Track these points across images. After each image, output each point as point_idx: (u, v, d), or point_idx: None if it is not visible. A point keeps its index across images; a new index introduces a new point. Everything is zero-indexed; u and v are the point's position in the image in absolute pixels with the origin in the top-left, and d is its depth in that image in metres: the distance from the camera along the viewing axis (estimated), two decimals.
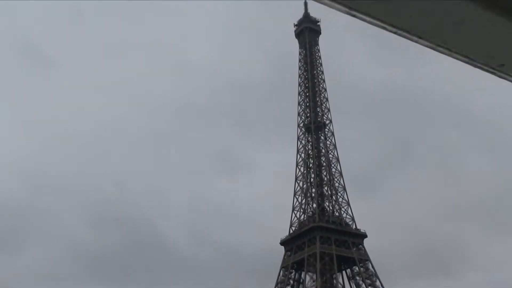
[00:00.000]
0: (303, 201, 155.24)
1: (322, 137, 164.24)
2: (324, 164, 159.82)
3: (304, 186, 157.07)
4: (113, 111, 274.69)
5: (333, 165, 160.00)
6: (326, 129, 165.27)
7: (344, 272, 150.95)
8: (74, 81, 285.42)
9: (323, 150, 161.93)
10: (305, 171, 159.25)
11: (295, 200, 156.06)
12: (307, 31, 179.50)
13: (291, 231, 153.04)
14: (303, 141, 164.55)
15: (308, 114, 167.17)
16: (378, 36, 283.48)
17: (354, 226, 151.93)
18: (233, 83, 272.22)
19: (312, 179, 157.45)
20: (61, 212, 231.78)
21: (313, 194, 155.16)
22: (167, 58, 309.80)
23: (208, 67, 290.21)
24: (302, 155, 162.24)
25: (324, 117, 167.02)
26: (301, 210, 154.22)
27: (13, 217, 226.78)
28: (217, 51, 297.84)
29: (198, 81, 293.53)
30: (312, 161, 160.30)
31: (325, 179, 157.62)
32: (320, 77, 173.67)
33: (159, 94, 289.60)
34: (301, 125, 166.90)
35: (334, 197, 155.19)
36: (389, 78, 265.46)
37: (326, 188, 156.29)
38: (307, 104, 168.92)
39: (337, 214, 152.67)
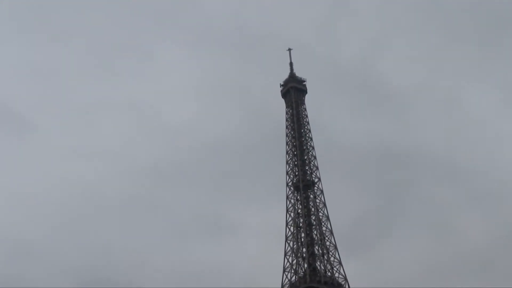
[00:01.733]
0: (294, 261, 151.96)
1: (311, 196, 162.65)
2: (314, 223, 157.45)
3: (295, 246, 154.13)
4: (93, 176, 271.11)
5: (323, 223, 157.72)
6: (315, 187, 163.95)
7: None
8: (50, 146, 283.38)
9: (313, 209, 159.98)
10: (295, 231, 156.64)
11: (286, 261, 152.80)
12: (293, 91, 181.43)
13: None
14: (292, 200, 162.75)
15: (297, 173, 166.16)
16: (361, 91, 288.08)
17: (347, 286, 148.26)
18: (217, 144, 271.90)
19: (302, 239, 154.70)
20: (44, 280, 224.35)
21: (304, 254, 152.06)
22: (145, 120, 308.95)
23: (190, 128, 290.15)
24: (292, 214, 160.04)
25: (312, 175, 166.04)
26: (292, 271, 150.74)
27: None
28: (199, 111, 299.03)
29: (180, 142, 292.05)
30: (302, 220, 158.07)
31: (316, 238, 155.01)
32: (307, 135, 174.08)
33: (139, 157, 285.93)
34: (290, 184, 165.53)
35: (325, 257, 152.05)
36: (376, 133, 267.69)
37: (317, 247, 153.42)
38: (295, 162, 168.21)
39: (329, 274, 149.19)
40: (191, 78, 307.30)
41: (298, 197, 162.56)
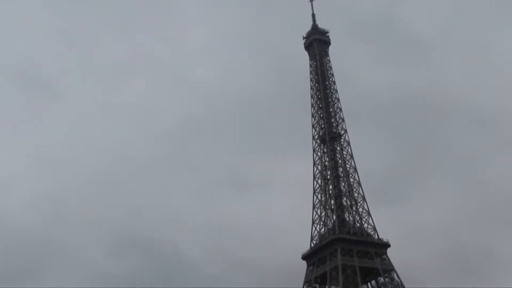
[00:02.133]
0: (323, 213, 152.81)
1: (338, 148, 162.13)
2: (342, 174, 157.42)
3: (323, 198, 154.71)
4: (120, 137, 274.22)
5: (351, 175, 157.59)
6: (342, 139, 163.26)
7: (369, 284, 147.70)
8: (78, 109, 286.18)
9: (340, 161, 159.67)
10: (322, 183, 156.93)
11: (315, 213, 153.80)
12: (316, 43, 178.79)
13: (312, 245, 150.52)
14: (319, 153, 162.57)
15: (322, 125, 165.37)
16: (385, 40, 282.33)
17: (376, 236, 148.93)
18: (241, 99, 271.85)
19: (330, 191, 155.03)
20: (80, 243, 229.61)
21: (332, 206, 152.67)
22: (170, 78, 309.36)
23: (213, 85, 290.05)
24: (319, 167, 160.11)
25: (338, 127, 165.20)
26: (321, 223, 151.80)
27: (34, 253, 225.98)
28: (223, 67, 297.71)
29: (205, 99, 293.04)
30: (329, 173, 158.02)
31: (344, 190, 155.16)
32: (332, 87, 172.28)
33: (165, 116, 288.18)
34: (316, 136, 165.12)
35: (354, 208, 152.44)
36: (401, 83, 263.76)
37: (345, 199, 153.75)
38: (321, 115, 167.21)
39: (358, 224, 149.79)
40: (213, 35, 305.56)
41: (325, 149, 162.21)
